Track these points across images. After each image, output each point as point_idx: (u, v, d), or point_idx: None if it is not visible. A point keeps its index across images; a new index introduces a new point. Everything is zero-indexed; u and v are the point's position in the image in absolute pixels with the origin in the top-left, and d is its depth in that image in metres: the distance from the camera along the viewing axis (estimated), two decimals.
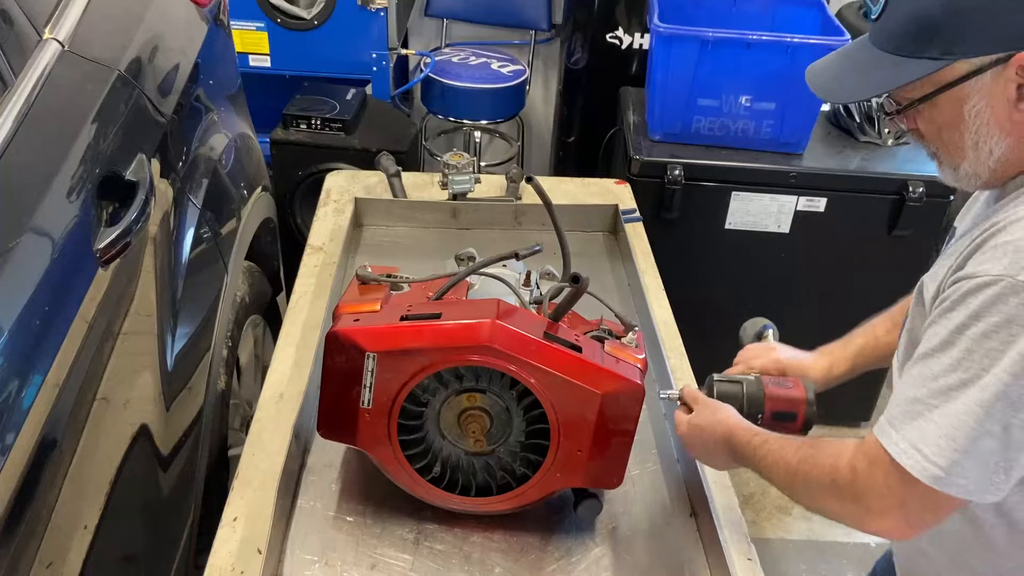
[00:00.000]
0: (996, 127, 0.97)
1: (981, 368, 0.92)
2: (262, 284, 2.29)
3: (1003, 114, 0.96)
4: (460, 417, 1.25)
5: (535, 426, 1.24)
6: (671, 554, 1.34)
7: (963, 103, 0.97)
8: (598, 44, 3.15)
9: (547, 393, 1.19)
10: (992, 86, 0.95)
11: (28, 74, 1.38)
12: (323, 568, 1.28)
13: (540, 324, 1.23)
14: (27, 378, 1.14)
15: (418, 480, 1.29)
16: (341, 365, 1.23)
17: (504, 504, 1.30)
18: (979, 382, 0.92)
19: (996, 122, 0.97)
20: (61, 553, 1.23)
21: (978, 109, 0.96)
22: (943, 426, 0.94)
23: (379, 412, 1.24)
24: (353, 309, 1.29)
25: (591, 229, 2.12)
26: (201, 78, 2.01)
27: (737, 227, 2.62)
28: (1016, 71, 0.93)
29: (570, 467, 1.25)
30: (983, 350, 0.92)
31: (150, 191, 1.51)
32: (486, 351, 1.18)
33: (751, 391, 1.33)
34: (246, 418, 2.10)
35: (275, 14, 3.10)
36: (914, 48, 0.96)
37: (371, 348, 1.20)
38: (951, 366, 0.95)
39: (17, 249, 1.19)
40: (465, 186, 2.08)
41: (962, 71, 0.95)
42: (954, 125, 0.99)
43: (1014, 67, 0.93)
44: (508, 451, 1.28)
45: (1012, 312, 0.90)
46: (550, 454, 1.24)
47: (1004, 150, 0.98)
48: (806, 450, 1.09)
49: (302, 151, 2.89)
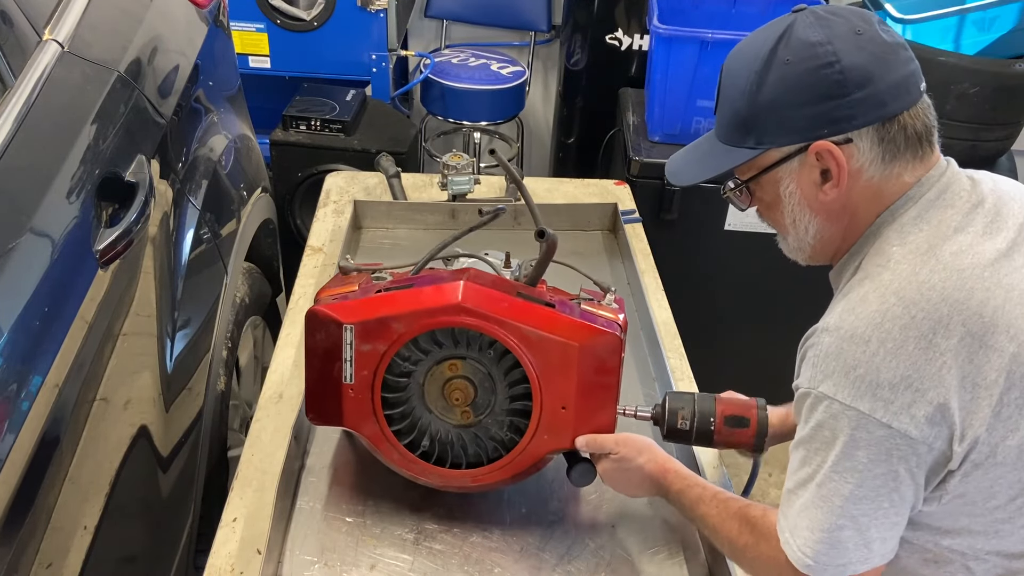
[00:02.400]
0: (807, 207, 1.10)
1: (815, 468, 1.03)
2: (262, 285, 2.29)
3: (811, 195, 1.09)
4: (444, 388, 1.26)
5: (518, 387, 1.25)
6: (671, 554, 1.34)
7: (779, 184, 1.11)
8: (598, 45, 3.15)
9: (525, 351, 1.21)
10: (800, 171, 1.08)
11: (28, 75, 1.38)
12: (323, 568, 1.29)
13: (513, 286, 1.26)
14: (27, 378, 1.15)
15: (409, 457, 1.29)
16: (321, 343, 1.25)
17: (497, 475, 1.29)
18: (815, 480, 1.03)
19: (806, 202, 1.10)
20: (61, 554, 1.23)
21: (790, 191, 1.10)
22: (802, 519, 1.05)
23: (362, 387, 1.25)
24: (332, 292, 1.32)
25: (590, 228, 2.12)
26: (201, 79, 2.01)
27: (737, 227, 2.62)
28: (814, 157, 1.06)
29: (557, 427, 1.25)
30: (812, 451, 1.04)
31: (150, 192, 1.51)
32: (458, 311, 1.20)
33: (701, 400, 1.34)
34: (246, 419, 2.10)
35: (275, 15, 3.10)
36: (737, 138, 1.11)
37: (347, 320, 1.22)
38: (798, 464, 1.07)
39: (17, 250, 1.19)
40: (464, 187, 2.08)
41: (775, 158, 1.09)
42: (775, 204, 1.13)
43: (812, 154, 1.05)
44: (495, 420, 1.28)
45: (821, 419, 1.02)
46: (534, 415, 1.25)
47: (817, 228, 1.11)
48: (747, 537, 1.14)
49: (302, 152, 2.89)
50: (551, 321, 1.21)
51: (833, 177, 1.06)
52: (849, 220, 1.10)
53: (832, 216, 1.10)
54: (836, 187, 1.06)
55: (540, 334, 1.20)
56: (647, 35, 2.97)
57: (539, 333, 1.20)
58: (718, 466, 1.45)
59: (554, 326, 1.21)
